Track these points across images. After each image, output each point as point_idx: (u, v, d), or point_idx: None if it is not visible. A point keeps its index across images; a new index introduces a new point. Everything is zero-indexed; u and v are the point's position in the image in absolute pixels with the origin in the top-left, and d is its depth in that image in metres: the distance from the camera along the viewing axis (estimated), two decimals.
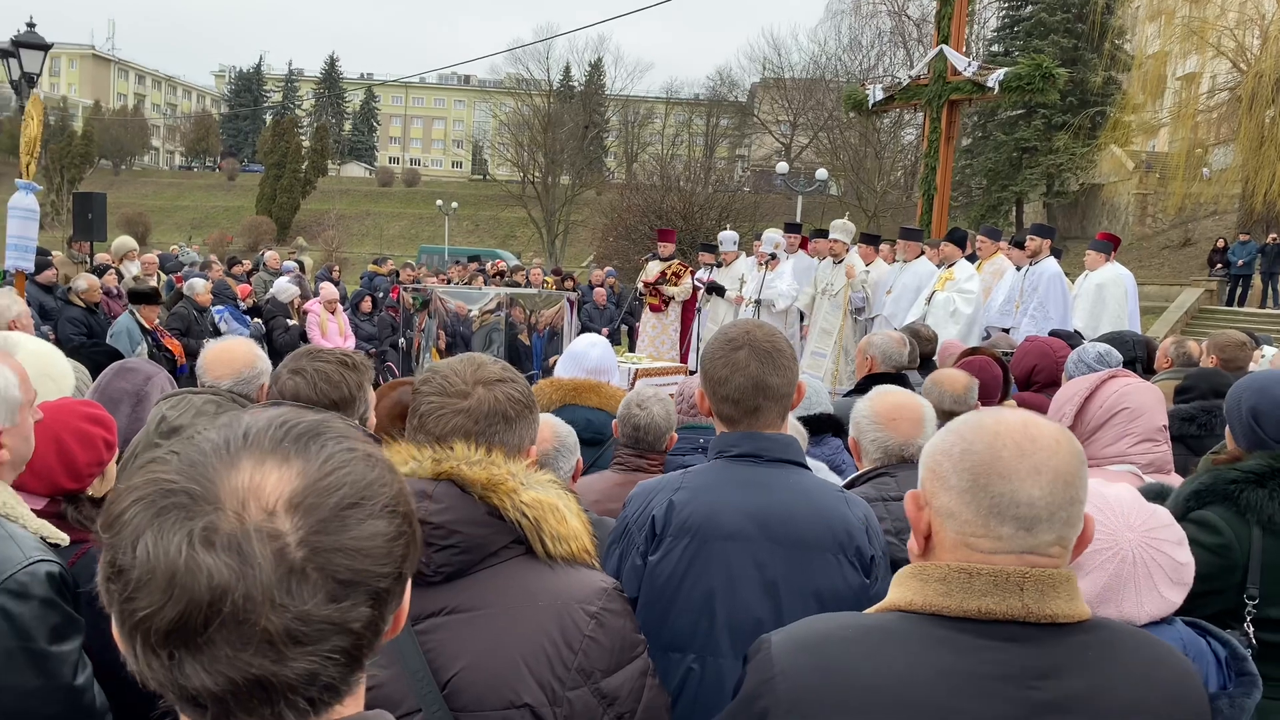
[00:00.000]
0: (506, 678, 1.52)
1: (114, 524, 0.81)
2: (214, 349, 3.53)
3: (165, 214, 63.44)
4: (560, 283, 16.99)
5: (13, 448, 1.91)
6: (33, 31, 12.13)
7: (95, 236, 13.12)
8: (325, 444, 0.87)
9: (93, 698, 1.89)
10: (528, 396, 1.78)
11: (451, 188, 73.08)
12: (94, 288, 9.44)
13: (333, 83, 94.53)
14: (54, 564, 1.84)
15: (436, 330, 10.65)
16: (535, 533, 1.60)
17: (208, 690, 0.79)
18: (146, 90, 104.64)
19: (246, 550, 0.78)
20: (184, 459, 0.84)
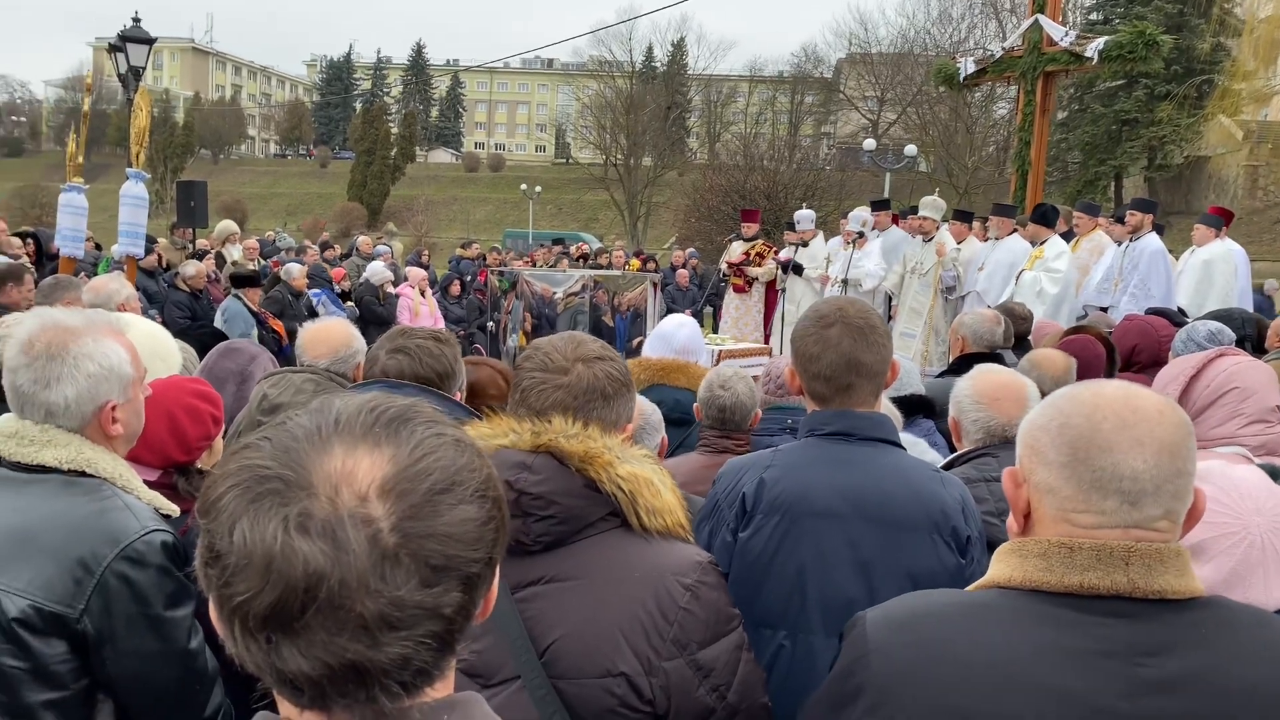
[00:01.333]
0: (603, 647, 1.55)
1: (210, 509, 0.83)
2: (312, 330, 3.64)
3: (261, 201, 65.53)
4: (643, 265, 17.00)
5: (125, 421, 1.99)
6: (138, 27, 12.62)
7: (197, 223, 13.64)
8: (415, 429, 0.87)
9: (205, 662, 1.97)
10: (625, 375, 1.81)
11: (535, 171, 73.79)
12: (200, 274, 9.81)
13: (419, 69, 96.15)
14: (168, 533, 1.92)
15: (522, 312, 10.76)
16: (630, 505, 1.63)
17: (304, 674, 0.80)
18: (243, 81, 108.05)
19: (340, 536, 0.79)
20: (277, 445, 0.85)
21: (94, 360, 1.92)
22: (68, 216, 8.37)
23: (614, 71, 62.80)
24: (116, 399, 1.96)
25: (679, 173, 54.32)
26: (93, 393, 1.92)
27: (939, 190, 11.59)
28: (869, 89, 53.07)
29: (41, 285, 5.39)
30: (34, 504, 1.87)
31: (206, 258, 11.29)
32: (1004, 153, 38.01)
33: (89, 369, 1.91)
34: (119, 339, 1.98)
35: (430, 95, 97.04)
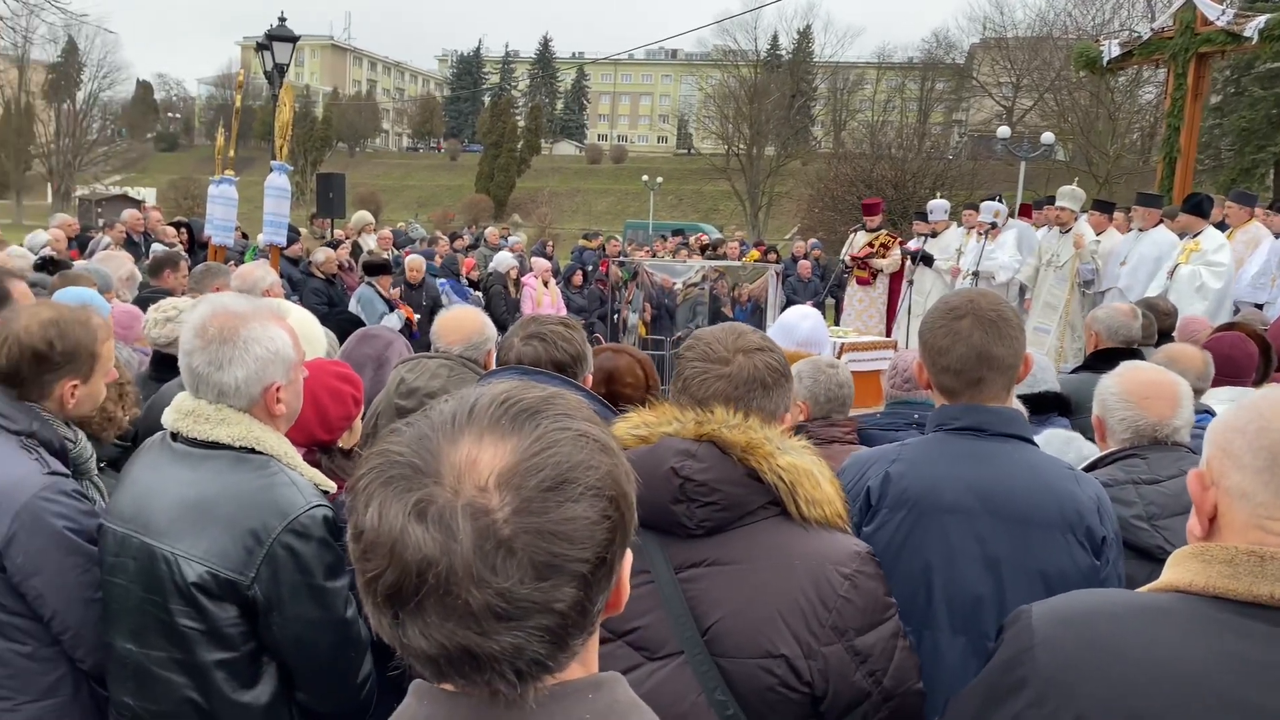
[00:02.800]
0: (764, 629, 1.61)
1: (353, 490, 0.89)
2: (446, 317, 3.78)
3: (394, 193, 67.87)
4: (763, 255, 16.88)
5: (287, 402, 2.14)
6: (283, 26, 13.27)
7: (335, 213, 14.30)
8: (541, 422, 0.88)
9: (359, 630, 2.10)
10: (784, 366, 1.86)
11: (656, 163, 74.01)
12: (330, 260, 10.27)
13: (546, 63, 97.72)
14: (328, 508, 2.06)
15: (643, 303, 10.86)
16: (790, 495, 1.68)
17: (424, 652, 0.85)
18: (378, 76, 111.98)
19: (452, 525, 0.82)
20: (415, 431, 0.89)
21: (261, 344, 2.07)
22: (218, 207, 8.91)
23: (738, 60, 62.34)
24: (281, 380, 2.10)
25: (802, 162, 53.59)
26: (260, 374, 2.07)
27: (1078, 180, 11.12)
28: (1004, 74, 51.15)
29: (193, 272, 5.76)
30: (209, 478, 2.03)
31: (341, 247, 11.80)
32: (1149, 140, 36.07)
33: (257, 352, 2.06)
34: (282, 324, 2.13)
35: (555, 88, 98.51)
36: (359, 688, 2.14)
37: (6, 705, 2.25)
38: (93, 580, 2.23)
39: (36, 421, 2.33)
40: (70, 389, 2.39)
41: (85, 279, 4.94)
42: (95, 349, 2.42)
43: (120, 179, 60.72)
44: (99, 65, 63.55)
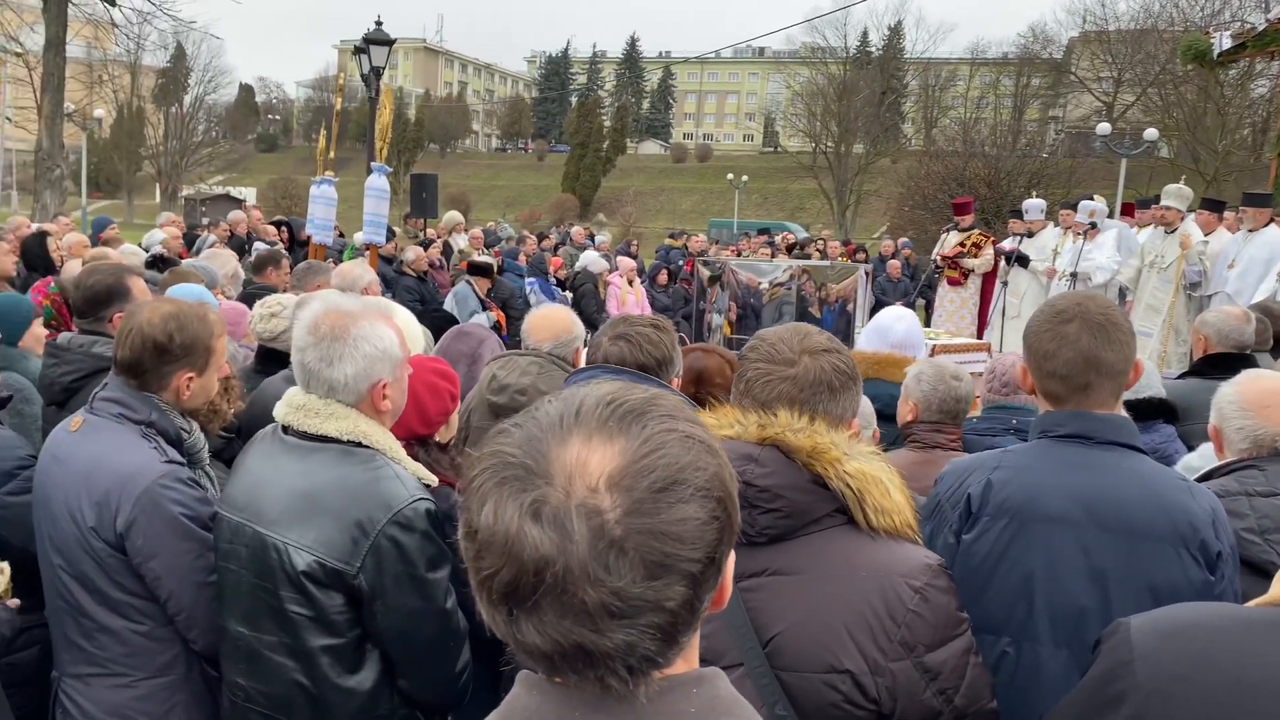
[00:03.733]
0: (828, 642, 1.55)
1: (468, 489, 0.91)
2: (536, 315, 3.84)
3: (483, 193, 69.04)
4: (851, 255, 16.65)
5: (393, 398, 2.20)
6: (380, 30, 13.60)
7: (428, 213, 14.58)
8: (647, 424, 0.90)
9: (458, 621, 2.16)
10: (852, 368, 1.80)
11: (742, 161, 73.66)
12: (421, 259, 10.49)
13: (633, 62, 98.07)
14: (430, 501, 2.11)
15: (728, 302, 10.80)
16: (858, 503, 1.62)
17: (538, 648, 0.87)
18: (468, 78, 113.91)
19: (568, 526, 0.84)
20: (525, 432, 0.91)
21: (370, 342, 2.13)
22: (319, 207, 9.18)
23: (827, 58, 61.59)
24: (387, 377, 2.17)
25: (892, 160, 52.69)
26: (368, 371, 2.13)
27: (1184, 178, 10.67)
28: (1104, 69, 49.38)
29: (296, 270, 5.95)
30: (317, 470, 2.10)
31: (433, 246, 12.04)
32: (1262, 135, 34.39)
33: (366, 350, 2.12)
34: (389, 323, 2.19)
35: (642, 88, 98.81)
36: (457, 676, 2.20)
37: (125, 681, 2.37)
38: (206, 565, 2.33)
39: (155, 412, 2.44)
40: (186, 381, 2.49)
41: (193, 276, 5.15)
42: (211, 343, 2.53)
43: (223, 179, 63.13)
44: (205, 70, 66.19)
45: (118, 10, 23.29)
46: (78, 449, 2.40)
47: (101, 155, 54.97)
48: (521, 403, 3.44)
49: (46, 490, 2.42)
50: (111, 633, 2.36)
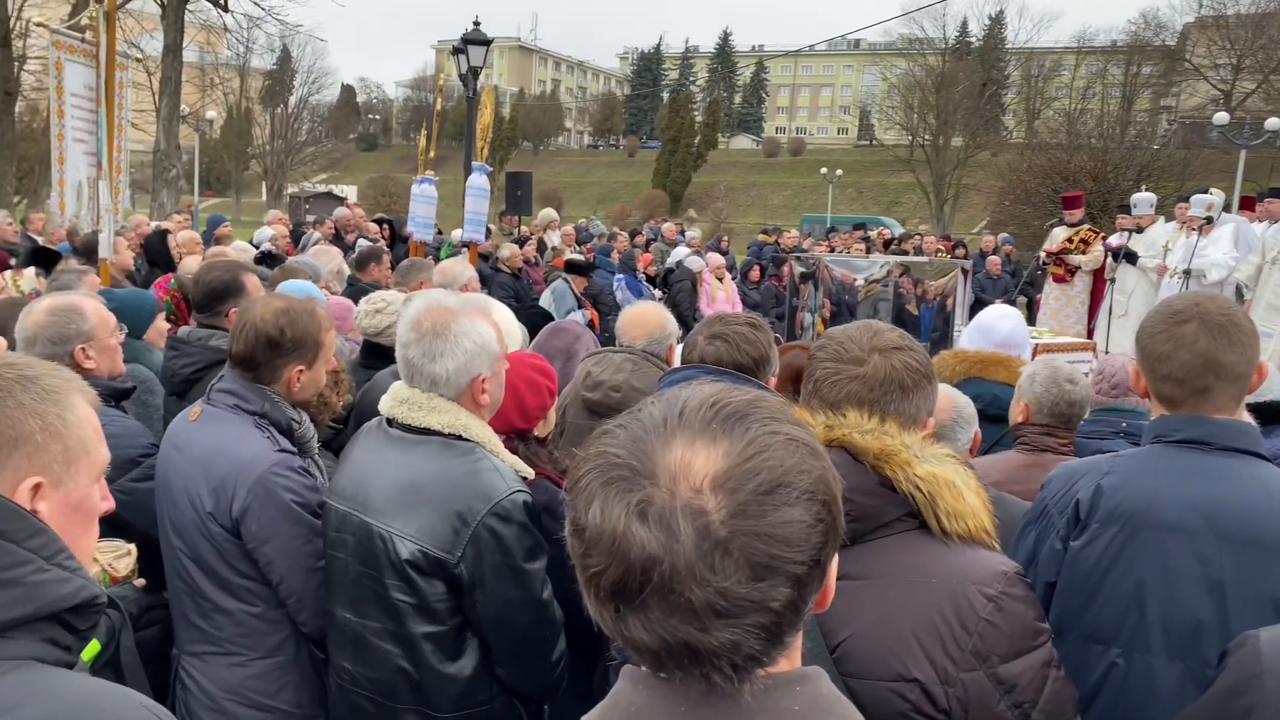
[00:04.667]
0: (897, 650, 1.50)
1: (575, 488, 0.93)
2: (631, 313, 3.87)
3: (575, 190, 69.65)
4: (950, 250, 16.27)
5: (492, 393, 2.26)
6: (478, 30, 13.87)
7: (523, 211, 14.84)
8: (750, 426, 0.90)
9: (554, 612, 2.20)
10: (926, 366, 1.73)
11: (836, 155, 72.67)
12: (516, 256, 10.66)
13: (725, 57, 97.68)
14: (527, 494, 2.16)
15: (822, 299, 10.67)
16: (929, 507, 1.56)
17: (645, 645, 0.89)
18: (561, 75, 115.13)
19: (674, 526, 0.85)
20: (629, 433, 0.92)
21: (470, 338, 2.19)
22: (420, 205, 9.40)
23: (925, 49, 60.27)
24: (486, 372, 2.22)
25: (992, 153, 51.21)
26: (469, 366, 2.19)
27: None
28: (1221, 55, 47.09)
29: (399, 267, 6.11)
30: (420, 462, 2.16)
31: (528, 244, 12.21)
32: None
33: (466, 345, 2.18)
34: (489, 320, 2.25)
35: (734, 82, 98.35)
36: (553, 666, 2.24)
37: (239, 660, 2.48)
38: (315, 550, 2.43)
39: (268, 403, 2.55)
40: (297, 374, 2.59)
41: (301, 272, 5.33)
42: (320, 337, 2.62)
43: (325, 178, 65.20)
44: (309, 71, 68.42)
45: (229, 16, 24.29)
46: (196, 438, 2.52)
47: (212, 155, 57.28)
48: (615, 399, 3.46)
49: (167, 477, 2.55)
50: (227, 613, 2.48)
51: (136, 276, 7.75)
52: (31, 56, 25.84)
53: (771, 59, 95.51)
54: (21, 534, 1.09)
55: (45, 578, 1.09)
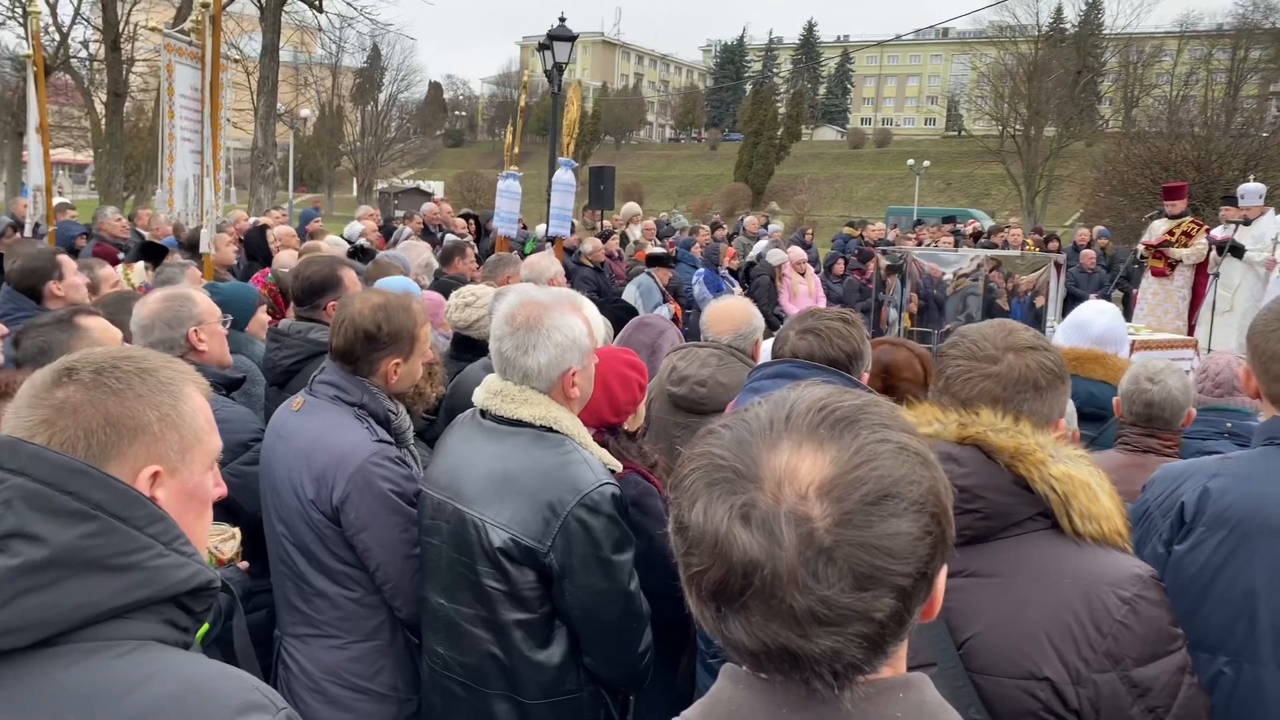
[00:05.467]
0: (1026, 648, 1.50)
1: (678, 486, 0.93)
2: (716, 307, 3.86)
3: (656, 183, 69.70)
4: (1043, 244, 15.81)
5: (582, 386, 2.29)
6: (563, 26, 13.98)
7: (605, 205, 14.90)
8: (859, 433, 0.89)
9: (641, 604, 2.22)
10: (1060, 366, 1.73)
11: (923, 146, 71.21)
12: (599, 250, 10.72)
13: (809, 48, 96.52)
14: (616, 486, 2.19)
15: (909, 293, 10.47)
16: (1063, 508, 1.56)
17: (744, 646, 0.89)
18: (644, 69, 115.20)
19: (776, 531, 0.85)
20: (735, 435, 0.92)
21: (561, 332, 2.23)
22: (505, 200, 9.53)
23: (1017, 36, 58.52)
24: (576, 366, 2.26)
25: (1087, 143, 49.56)
26: (560, 360, 2.23)
27: None
28: None
29: (487, 262, 6.22)
30: (512, 452, 2.21)
31: (611, 238, 12.27)
32: None
33: (558, 339, 2.22)
34: (579, 314, 2.28)
35: (818, 73, 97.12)
36: (640, 657, 2.26)
37: (338, 643, 2.57)
38: (411, 538, 2.50)
39: (366, 395, 2.63)
40: (394, 366, 2.67)
41: (393, 267, 5.47)
42: (415, 331, 2.69)
43: (413, 173, 66.46)
44: (398, 69, 69.85)
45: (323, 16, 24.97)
46: (299, 427, 2.61)
47: (305, 152, 58.92)
48: (701, 394, 3.47)
49: (271, 465, 2.65)
50: (327, 598, 2.56)
51: (236, 270, 8.05)
52: (139, 59, 26.99)
53: (857, 49, 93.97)
54: (142, 520, 1.14)
55: (164, 563, 1.14)
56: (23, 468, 1.09)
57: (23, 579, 1.05)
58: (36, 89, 8.45)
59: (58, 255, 4.43)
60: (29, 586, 1.05)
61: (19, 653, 1.06)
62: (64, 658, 1.07)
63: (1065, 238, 18.36)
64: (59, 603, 1.06)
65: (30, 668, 1.06)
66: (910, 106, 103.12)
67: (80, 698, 1.05)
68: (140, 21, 25.65)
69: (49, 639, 1.07)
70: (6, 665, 1.06)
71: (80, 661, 1.07)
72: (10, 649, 1.05)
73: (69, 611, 1.07)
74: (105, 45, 24.89)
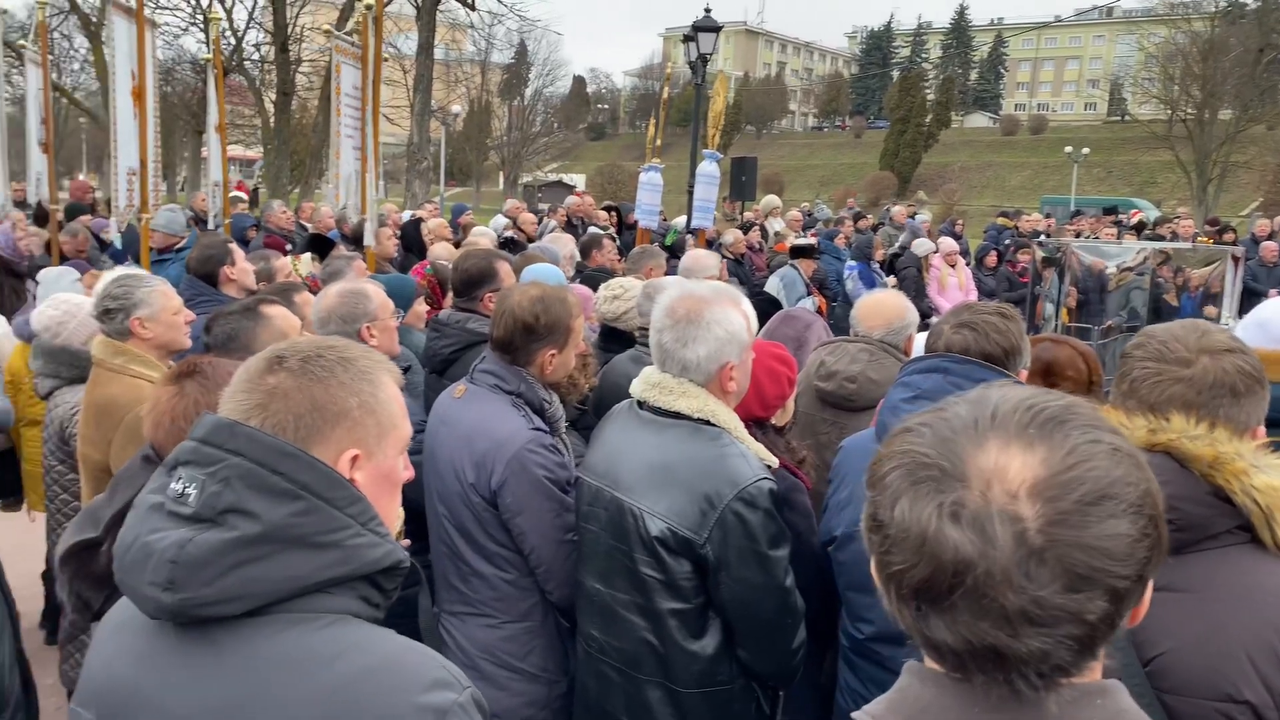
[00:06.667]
0: (1225, 669, 1.43)
1: (877, 484, 0.93)
2: (868, 301, 3.79)
3: (797, 173, 68.76)
4: (1217, 235, 14.78)
5: (738, 380, 2.30)
6: (709, 17, 13.95)
7: (746, 196, 14.84)
8: (1070, 433, 0.88)
9: (796, 600, 2.22)
10: (1258, 370, 1.63)
11: (1082, 132, 67.73)
12: (739, 242, 10.66)
13: (961, 32, 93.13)
14: (773, 481, 2.19)
15: (1067, 287, 9.98)
16: (1265, 521, 1.47)
17: (947, 645, 0.88)
18: (787, 58, 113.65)
19: (989, 530, 0.84)
20: (936, 433, 0.91)
21: (721, 326, 2.24)
22: (646, 193, 9.63)
23: (1190, 14, 54.80)
24: (734, 360, 2.27)
25: (1268, 126, 45.98)
26: (718, 354, 2.24)
27: None
28: None
29: (630, 255, 6.31)
30: (670, 444, 2.24)
31: (752, 230, 12.19)
32: None
33: (717, 333, 2.24)
34: (739, 309, 2.29)
35: (970, 58, 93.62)
36: (793, 653, 2.26)
37: (493, 622, 2.67)
38: (564, 524, 2.57)
39: (524, 384, 2.71)
40: (549, 357, 2.75)
41: (540, 258, 5.61)
42: (570, 323, 2.77)
43: (555, 167, 67.86)
44: (544, 64, 71.33)
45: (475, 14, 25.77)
46: (461, 414, 2.72)
47: (455, 147, 60.98)
48: (850, 390, 3.42)
49: (435, 449, 2.77)
50: (483, 578, 2.67)
51: (393, 262, 8.42)
52: (304, 60, 28.55)
53: (1013, 33, 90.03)
54: (343, 501, 1.21)
55: (361, 541, 1.21)
56: (240, 449, 1.18)
57: (240, 551, 1.14)
58: (216, 90, 9.06)
59: (228, 243, 4.75)
60: (245, 559, 1.14)
61: (234, 619, 1.15)
62: (272, 626, 1.16)
63: (1241, 229, 17.11)
64: (269, 575, 1.15)
65: (243, 634, 1.15)
66: (1069, 91, 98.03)
67: (286, 665, 1.14)
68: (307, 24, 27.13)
69: (259, 608, 1.15)
70: (224, 630, 1.15)
71: (286, 630, 1.16)
72: (227, 615, 1.15)
73: (278, 584, 1.15)
74: (275, 47, 26.46)
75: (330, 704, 1.11)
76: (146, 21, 6.56)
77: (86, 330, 3.57)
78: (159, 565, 1.14)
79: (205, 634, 1.16)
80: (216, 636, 1.16)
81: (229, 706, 1.13)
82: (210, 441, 1.20)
